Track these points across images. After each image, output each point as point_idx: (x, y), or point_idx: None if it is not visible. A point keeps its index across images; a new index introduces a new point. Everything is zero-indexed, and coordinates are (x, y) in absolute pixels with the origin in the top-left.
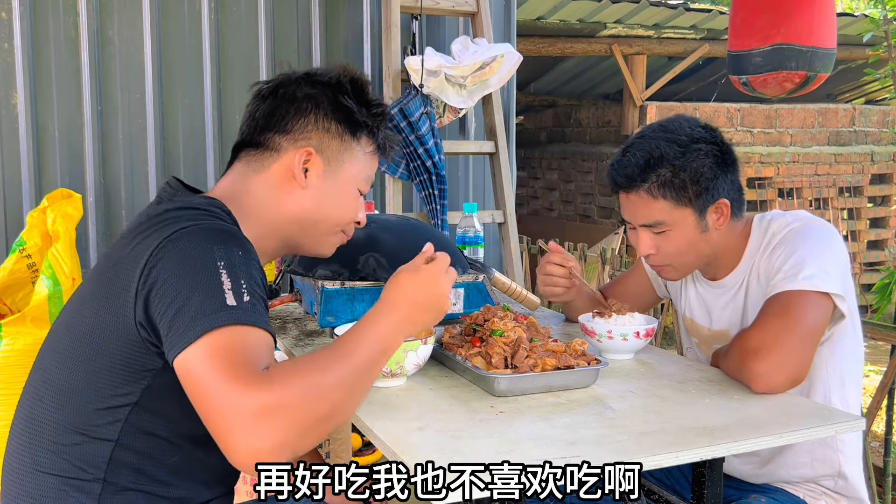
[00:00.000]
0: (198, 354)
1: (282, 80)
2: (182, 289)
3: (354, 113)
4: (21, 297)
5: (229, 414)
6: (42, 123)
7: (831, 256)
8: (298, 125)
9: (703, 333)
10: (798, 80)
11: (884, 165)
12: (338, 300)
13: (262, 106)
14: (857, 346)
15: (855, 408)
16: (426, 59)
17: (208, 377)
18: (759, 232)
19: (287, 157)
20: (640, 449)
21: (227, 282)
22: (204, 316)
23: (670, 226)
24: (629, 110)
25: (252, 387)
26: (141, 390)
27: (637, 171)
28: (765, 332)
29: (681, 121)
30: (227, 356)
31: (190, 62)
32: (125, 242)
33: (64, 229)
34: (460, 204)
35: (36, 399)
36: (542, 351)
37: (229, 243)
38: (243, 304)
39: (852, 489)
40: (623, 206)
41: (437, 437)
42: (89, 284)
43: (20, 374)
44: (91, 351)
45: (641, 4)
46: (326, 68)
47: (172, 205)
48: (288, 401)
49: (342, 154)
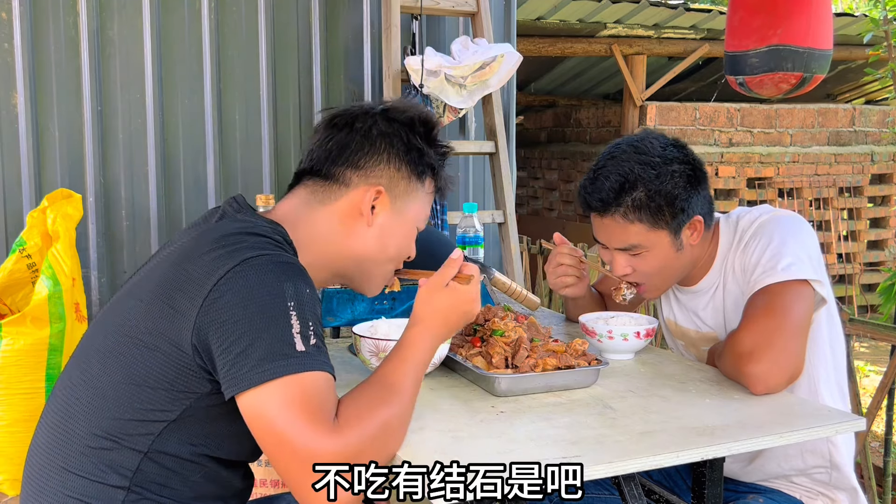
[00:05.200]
0: (270, 399)
1: (359, 114)
2: (251, 327)
3: (425, 155)
4: (21, 297)
5: (307, 464)
6: (42, 123)
7: (804, 244)
8: (371, 162)
9: (690, 336)
10: (794, 80)
11: (884, 165)
12: (338, 300)
13: (335, 136)
14: (836, 332)
15: (843, 394)
16: (426, 59)
17: (286, 423)
18: (727, 231)
19: (356, 193)
20: (640, 449)
21: (296, 325)
22: (273, 360)
23: (647, 247)
24: (629, 110)
25: (329, 437)
26: (181, 410)
27: (612, 195)
28: (755, 334)
29: (651, 140)
30: (303, 404)
31: (190, 62)
32: (188, 258)
33: (64, 229)
34: (460, 204)
35: (73, 397)
36: (542, 351)
37: (297, 281)
38: (310, 347)
39: (846, 480)
40: (597, 228)
41: (438, 437)
42: (144, 287)
43: (20, 374)
44: (137, 360)
45: (641, 4)
46: (402, 105)
47: (238, 227)
48: (366, 445)
49: (409, 195)
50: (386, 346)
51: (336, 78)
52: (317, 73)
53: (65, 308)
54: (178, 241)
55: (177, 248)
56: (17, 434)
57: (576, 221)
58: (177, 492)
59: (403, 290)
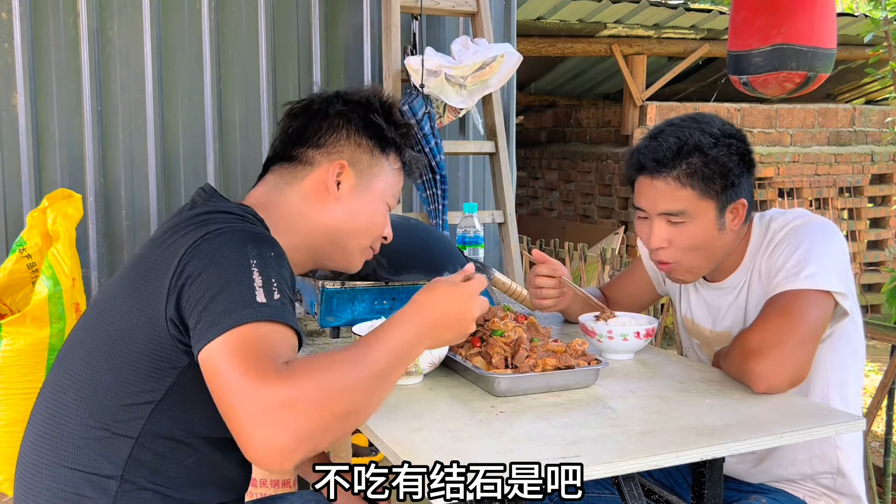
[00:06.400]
0: (222, 348)
1: (314, 98)
2: (213, 284)
3: (384, 130)
4: (21, 297)
5: (246, 406)
6: (42, 123)
7: (832, 254)
8: (331, 140)
9: (705, 335)
10: (798, 80)
11: (884, 165)
12: (338, 300)
13: (294, 123)
14: (859, 344)
15: (855, 405)
16: (426, 59)
17: (228, 370)
18: (759, 231)
19: (320, 171)
20: (640, 449)
21: (258, 279)
22: (233, 311)
23: (691, 217)
24: (629, 110)
25: (271, 380)
26: (166, 388)
27: (669, 155)
28: (765, 332)
29: (711, 116)
30: (249, 351)
31: (190, 62)
32: (158, 243)
33: (64, 229)
34: (460, 204)
35: (60, 392)
36: (542, 351)
37: (262, 244)
38: (273, 301)
39: (851, 487)
40: (643, 192)
41: (438, 437)
42: (119, 282)
43: (20, 373)
44: (119, 347)
45: (641, 4)
46: (357, 88)
47: (206, 208)
48: (305, 396)
49: (372, 168)
50: None
51: (336, 78)
52: (317, 73)
53: (65, 308)
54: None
55: (148, 242)
56: (16, 434)
57: (576, 221)
58: (170, 478)
59: (403, 290)
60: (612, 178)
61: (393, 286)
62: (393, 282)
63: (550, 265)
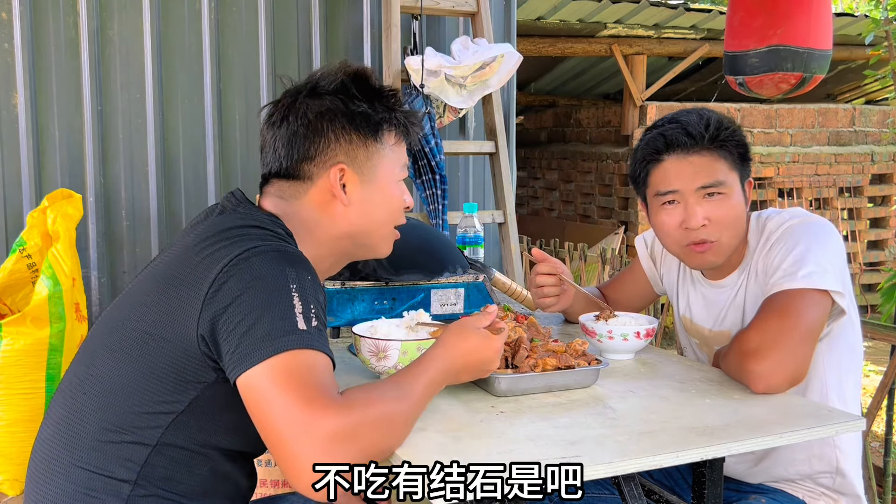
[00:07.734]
0: (267, 374)
1: (289, 103)
2: (254, 308)
3: (371, 114)
4: (21, 297)
5: (303, 436)
6: (42, 123)
7: (830, 253)
8: (321, 147)
9: (704, 334)
10: (794, 81)
11: (884, 165)
12: (338, 300)
13: (277, 134)
14: (857, 343)
15: (853, 404)
16: (426, 59)
17: (279, 398)
18: (756, 230)
19: (321, 181)
20: (640, 449)
21: (298, 305)
22: (275, 337)
23: (728, 188)
24: (629, 110)
25: (328, 411)
26: (189, 400)
27: (702, 128)
28: (764, 332)
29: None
30: (297, 379)
31: (190, 62)
32: (193, 252)
33: (64, 229)
34: (460, 204)
35: (80, 392)
36: (542, 351)
37: (299, 267)
38: (311, 328)
39: (850, 486)
40: (674, 172)
41: (438, 437)
42: (148, 285)
43: (20, 373)
44: (144, 353)
45: (641, 4)
46: (326, 72)
47: (239, 220)
48: (363, 428)
49: (371, 159)
50: (386, 346)
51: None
52: None
53: (65, 308)
54: (181, 240)
55: (179, 246)
56: (17, 434)
57: (576, 221)
58: (182, 486)
59: (403, 290)
60: (613, 178)
61: (393, 286)
62: (393, 282)
63: (551, 263)
